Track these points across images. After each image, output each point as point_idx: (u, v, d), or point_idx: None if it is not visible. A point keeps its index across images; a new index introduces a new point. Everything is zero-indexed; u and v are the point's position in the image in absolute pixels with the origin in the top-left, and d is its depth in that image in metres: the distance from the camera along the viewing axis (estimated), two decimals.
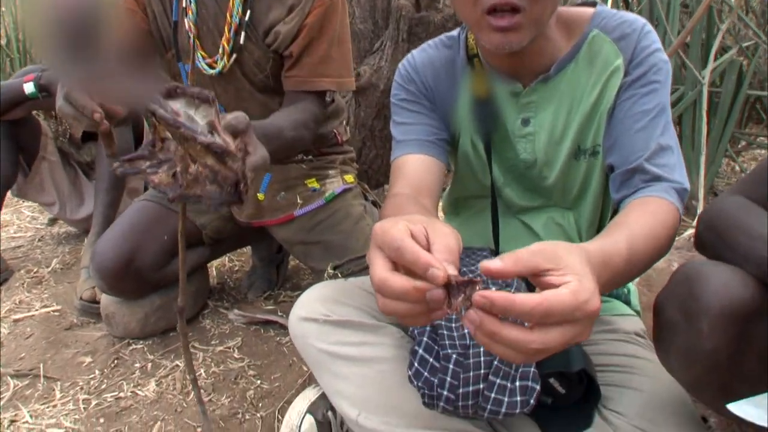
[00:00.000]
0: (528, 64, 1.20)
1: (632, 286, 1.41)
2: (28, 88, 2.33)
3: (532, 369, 1.02)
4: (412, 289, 0.69)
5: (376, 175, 3.25)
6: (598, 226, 1.31)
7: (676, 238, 1.29)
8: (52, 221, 3.24)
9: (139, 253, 1.83)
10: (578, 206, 1.31)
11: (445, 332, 1.10)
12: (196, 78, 1.74)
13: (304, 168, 1.93)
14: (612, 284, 0.92)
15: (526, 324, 0.68)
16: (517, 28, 1.05)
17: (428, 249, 0.72)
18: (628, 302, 1.37)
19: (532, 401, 1.00)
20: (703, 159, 2.72)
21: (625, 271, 0.92)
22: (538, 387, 1.01)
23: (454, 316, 1.13)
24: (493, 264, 0.68)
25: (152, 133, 1.00)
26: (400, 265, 0.72)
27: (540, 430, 1.12)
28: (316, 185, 1.91)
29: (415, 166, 1.28)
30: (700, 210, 2.62)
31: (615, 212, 1.22)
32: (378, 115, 3.11)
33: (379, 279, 0.72)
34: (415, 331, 1.14)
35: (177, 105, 0.96)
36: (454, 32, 1.35)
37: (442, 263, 0.69)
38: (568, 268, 0.71)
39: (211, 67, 1.72)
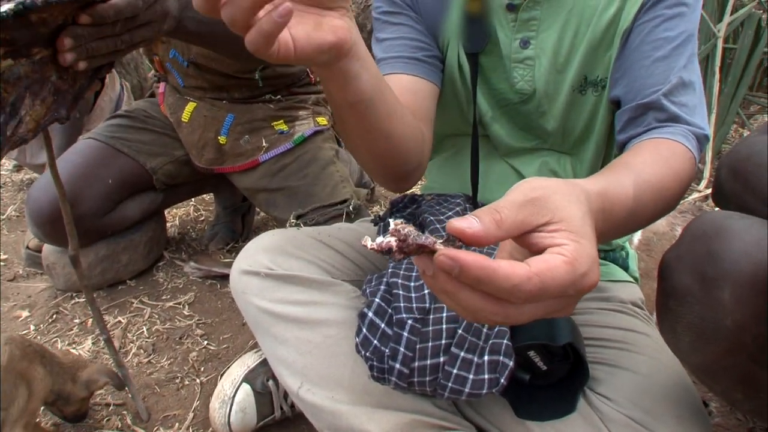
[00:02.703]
0: None
1: (631, 249, 1.22)
2: None
3: (505, 341, 0.83)
4: None
5: None
6: None
7: (681, 201, 1.10)
8: (18, 167, 3.05)
9: (79, 198, 1.60)
10: (579, 151, 1.12)
11: (400, 292, 0.91)
12: None
13: (271, 108, 1.72)
14: (607, 237, 0.74)
15: None
16: None
17: None
18: (626, 267, 1.18)
19: (502, 380, 0.81)
20: (713, 119, 2.51)
21: (626, 223, 0.74)
22: (511, 363, 0.82)
23: (413, 273, 0.94)
24: (469, 226, 0.50)
25: None
26: None
27: (513, 413, 0.93)
28: (284, 127, 1.70)
29: (402, 88, 1.05)
30: (707, 174, 2.42)
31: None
32: None
33: None
34: (367, 290, 0.95)
35: None
36: None
37: None
38: (564, 222, 0.53)
39: None
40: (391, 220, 0.51)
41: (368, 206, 1.72)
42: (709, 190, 1.78)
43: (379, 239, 0.50)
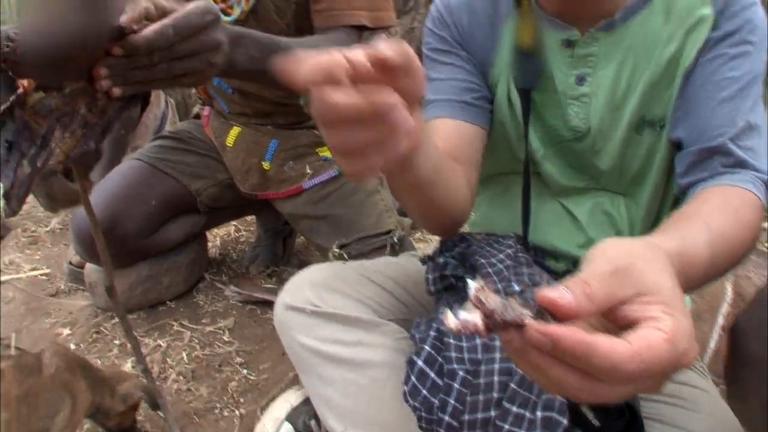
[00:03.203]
0: (590, 6, 0.96)
1: None
2: None
3: (558, 396, 0.80)
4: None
5: None
6: (655, 218, 1.07)
7: None
8: None
9: (123, 219, 1.61)
10: (634, 191, 1.07)
11: (452, 341, 0.88)
12: None
13: (315, 134, 1.70)
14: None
15: None
16: None
17: None
18: None
19: None
20: None
21: (699, 283, 0.70)
22: (565, 421, 0.78)
23: None
24: (561, 297, 0.47)
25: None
26: None
27: None
28: (328, 154, 1.68)
29: (449, 134, 1.05)
30: None
31: (676, 201, 1.00)
32: None
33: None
34: (416, 336, 0.92)
35: None
36: None
37: None
38: (656, 294, 0.50)
39: (225, 13, 1.49)
40: (471, 285, 0.48)
41: (411, 233, 1.70)
42: None
43: (463, 316, 0.47)
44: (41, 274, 2.10)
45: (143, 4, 0.76)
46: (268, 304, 1.82)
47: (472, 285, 0.48)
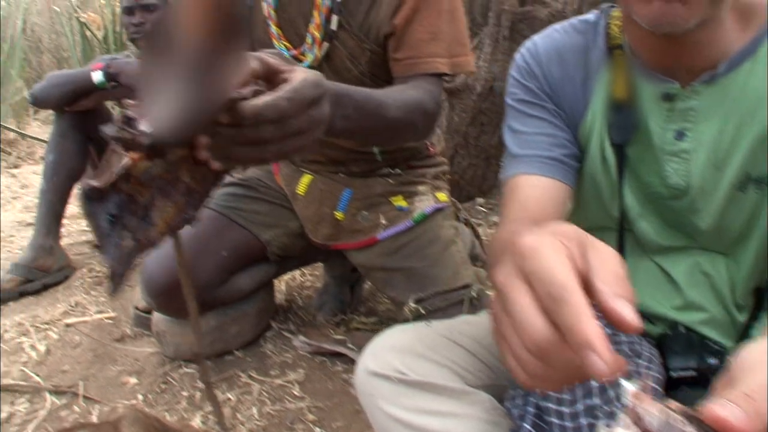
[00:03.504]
0: (690, 58, 0.90)
1: None
2: (96, 77, 2.18)
3: None
4: (575, 370, 0.45)
5: (468, 186, 2.99)
6: (759, 279, 1.00)
7: None
8: None
9: (194, 271, 1.57)
10: (736, 252, 0.99)
11: (554, 420, 0.81)
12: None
13: (390, 183, 1.65)
14: None
15: None
16: None
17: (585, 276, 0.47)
18: None
19: None
20: None
21: None
22: None
23: (566, 396, 0.85)
24: (733, 415, 0.40)
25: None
26: (546, 309, 0.47)
27: None
28: (403, 204, 1.63)
29: (534, 191, 1.00)
30: None
31: None
32: (473, 121, 2.85)
33: (536, 333, 0.47)
34: (513, 411, 0.86)
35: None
36: (590, 15, 1.06)
37: (609, 353, 0.42)
38: None
39: (297, 60, 1.46)
40: (627, 388, 0.42)
41: (485, 287, 1.63)
42: None
43: None
44: (107, 318, 2.09)
45: (251, 63, 0.71)
46: (339, 356, 1.78)
47: (628, 388, 0.42)
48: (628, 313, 0.44)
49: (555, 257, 0.49)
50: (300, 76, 0.73)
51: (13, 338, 1.97)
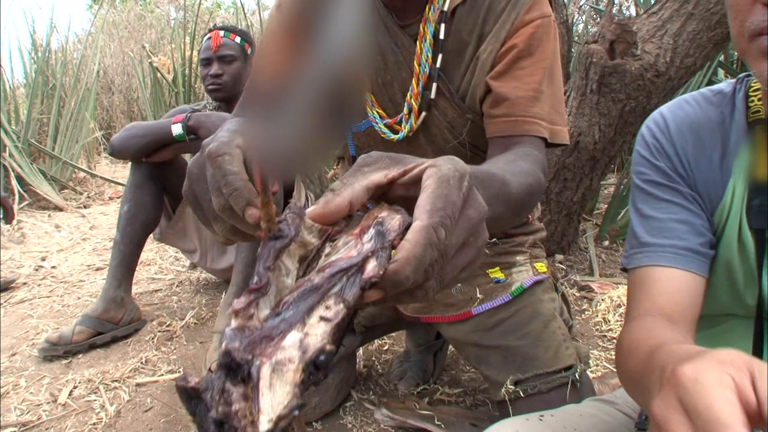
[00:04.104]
0: None
1: None
2: (176, 129, 2.15)
3: None
4: None
5: (547, 243, 2.86)
6: None
7: None
8: (194, 265, 3.06)
9: None
10: None
11: None
12: (366, 144, 1.41)
13: (486, 253, 1.53)
14: None
15: None
16: None
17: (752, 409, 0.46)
18: None
19: None
20: None
21: None
22: None
23: None
24: None
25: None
26: None
27: None
28: (500, 276, 1.51)
29: (668, 286, 0.90)
30: None
31: None
32: (556, 177, 2.73)
33: None
34: None
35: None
36: (723, 85, 0.95)
37: None
38: None
39: (393, 131, 1.37)
40: None
41: (586, 366, 1.50)
42: None
43: None
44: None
45: (344, 194, 0.57)
46: None
47: None
48: None
49: (719, 393, 0.46)
50: (433, 179, 0.56)
51: (82, 396, 1.91)
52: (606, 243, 3.25)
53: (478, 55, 1.26)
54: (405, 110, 1.32)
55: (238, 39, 2.64)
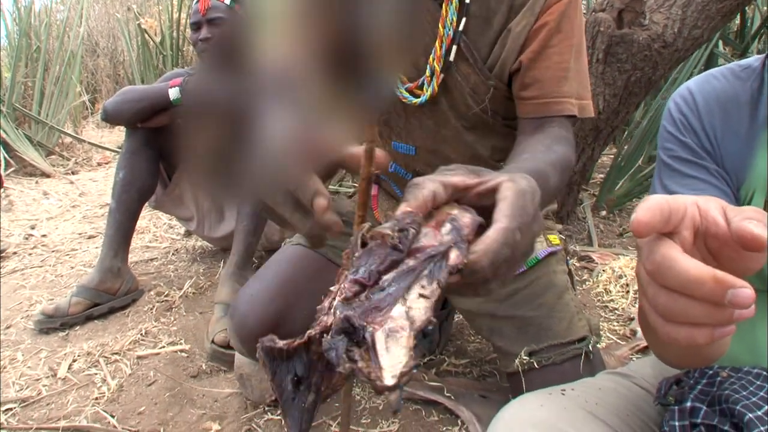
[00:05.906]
0: None
1: None
2: (173, 93, 2.09)
3: None
4: (710, 279, 0.48)
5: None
6: None
7: None
8: (189, 233, 3.02)
9: (289, 316, 1.43)
10: None
11: None
12: (387, 109, 1.37)
13: None
14: None
15: None
16: None
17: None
18: None
19: None
20: None
21: None
22: None
23: None
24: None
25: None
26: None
27: None
28: None
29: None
30: None
31: None
32: None
33: (661, 256, 0.51)
34: None
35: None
36: (751, 60, 0.93)
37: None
38: None
39: (414, 95, 1.33)
40: None
41: (598, 338, 1.48)
42: None
43: None
44: (180, 350, 1.99)
45: (428, 186, 0.64)
46: (433, 404, 1.64)
47: None
48: (757, 228, 0.47)
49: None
50: (512, 191, 0.64)
51: (82, 369, 1.88)
52: (603, 213, 3.24)
53: (510, 27, 1.25)
54: (427, 72, 1.28)
55: (227, 0, 2.55)
